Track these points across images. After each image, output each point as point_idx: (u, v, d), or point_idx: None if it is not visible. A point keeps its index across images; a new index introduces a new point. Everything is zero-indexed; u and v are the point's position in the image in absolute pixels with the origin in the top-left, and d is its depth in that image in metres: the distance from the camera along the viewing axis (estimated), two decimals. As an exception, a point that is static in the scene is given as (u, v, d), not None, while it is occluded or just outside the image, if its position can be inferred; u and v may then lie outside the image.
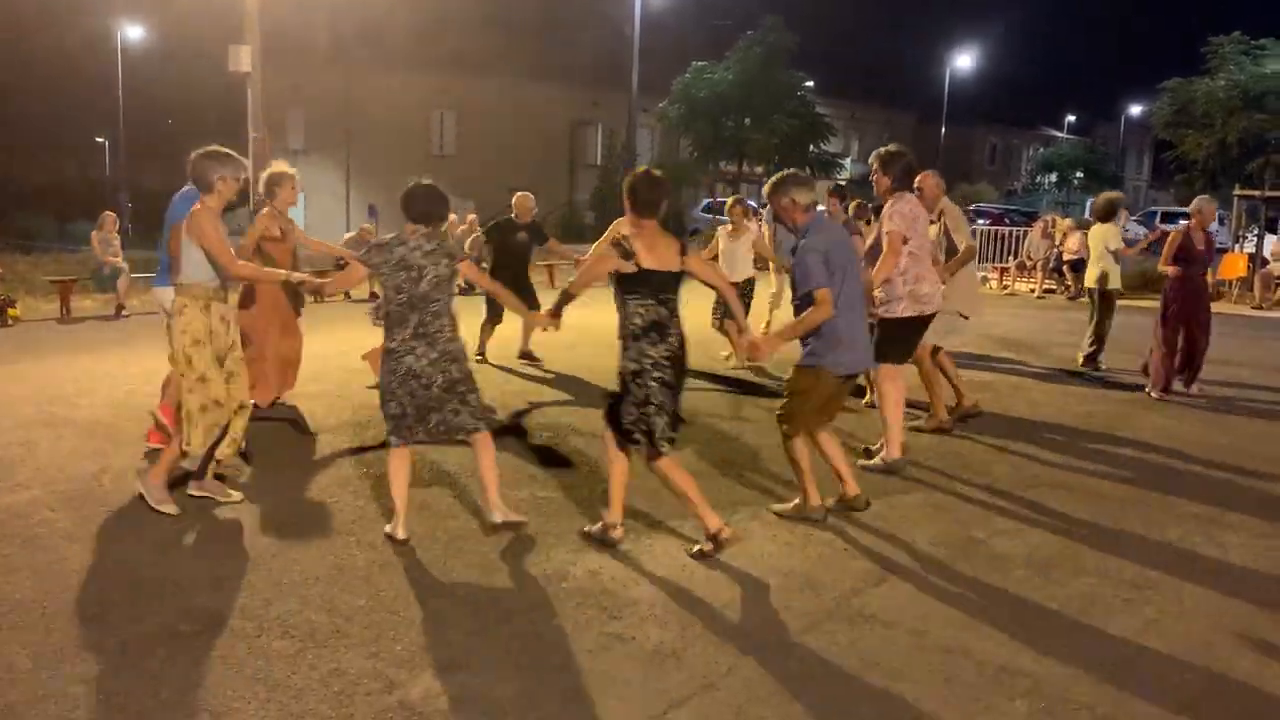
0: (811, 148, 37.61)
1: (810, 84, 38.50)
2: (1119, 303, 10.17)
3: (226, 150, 5.02)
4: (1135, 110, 59.84)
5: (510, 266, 9.18)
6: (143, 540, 4.65)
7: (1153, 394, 8.60)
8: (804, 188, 4.94)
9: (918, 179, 6.56)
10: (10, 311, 11.33)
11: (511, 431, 6.81)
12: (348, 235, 17.62)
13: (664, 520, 5.09)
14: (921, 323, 6.16)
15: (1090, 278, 9.99)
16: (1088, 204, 12.42)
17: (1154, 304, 9.25)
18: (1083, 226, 16.12)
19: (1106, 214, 9.93)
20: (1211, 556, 4.85)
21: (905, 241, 5.88)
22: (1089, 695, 3.48)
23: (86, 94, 46.31)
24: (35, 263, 16.90)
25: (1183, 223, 8.92)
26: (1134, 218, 38.69)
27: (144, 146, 43.63)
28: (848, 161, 45.85)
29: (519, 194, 9.73)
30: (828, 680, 3.54)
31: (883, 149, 6.01)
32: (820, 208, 5.46)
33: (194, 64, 34.24)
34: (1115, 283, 9.87)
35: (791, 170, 5.15)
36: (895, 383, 6.06)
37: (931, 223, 6.63)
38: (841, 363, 4.98)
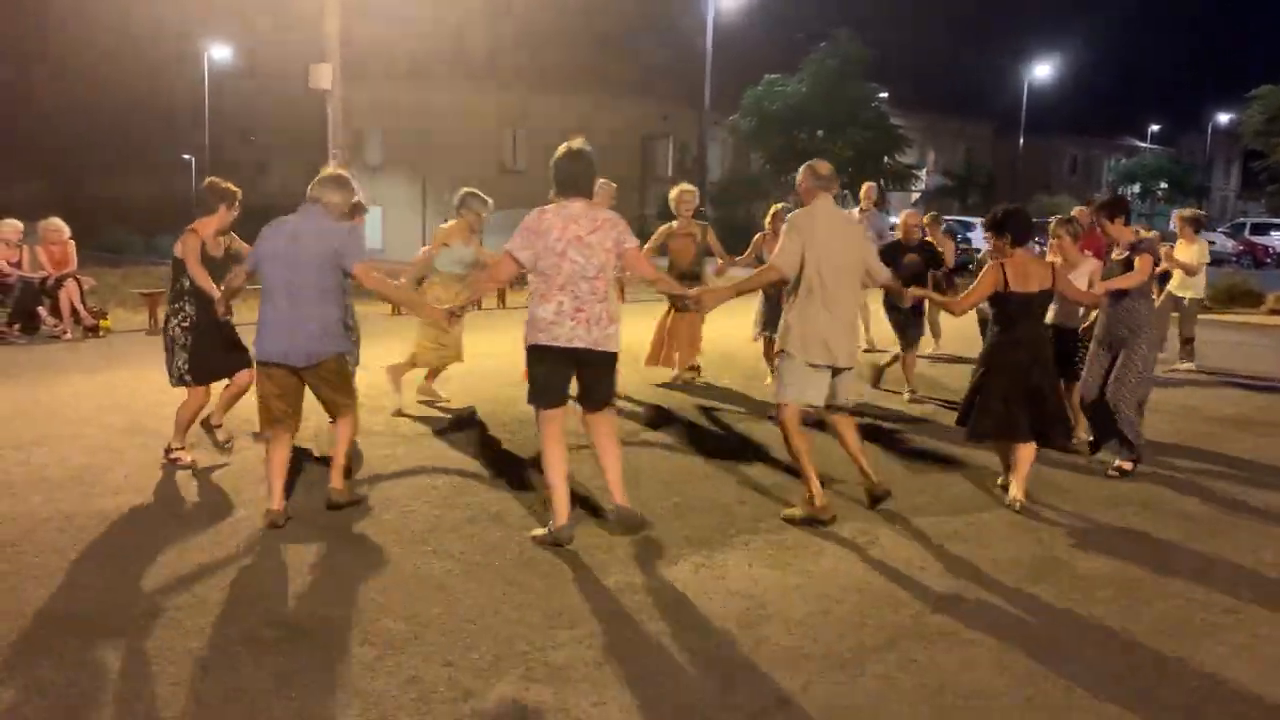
0: (886, 159, 37.24)
1: (884, 95, 38.15)
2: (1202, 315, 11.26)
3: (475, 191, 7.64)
4: (1223, 119, 58.21)
5: None
6: (223, 547, 4.76)
7: None
8: (330, 187, 5.16)
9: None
10: (102, 323, 11.71)
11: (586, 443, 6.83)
12: (424, 249, 17.91)
13: (734, 535, 5.06)
14: (554, 354, 4.79)
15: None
16: (1172, 216, 12.39)
17: (1242, 318, 9.08)
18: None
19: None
20: (1308, 580, 4.67)
21: (521, 266, 4.82)
22: (1179, 721, 3.37)
23: (174, 114, 47.94)
24: (124, 275, 17.45)
25: None
26: (1221, 229, 37.68)
27: (227, 164, 44.95)
28: (923, 173, 45.27)
29: (906, 211, 9.10)
30: (905, 700, 3.48)
31: (563, 146, 4.97)
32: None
33: (275, 83, 35.24)
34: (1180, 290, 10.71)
35: (331, 170, 5.42)
36: (548, 426, 4.87)
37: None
38: (258, 349, 5.04)
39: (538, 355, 4.83)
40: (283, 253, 4.99)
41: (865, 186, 11.70)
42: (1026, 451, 5.64)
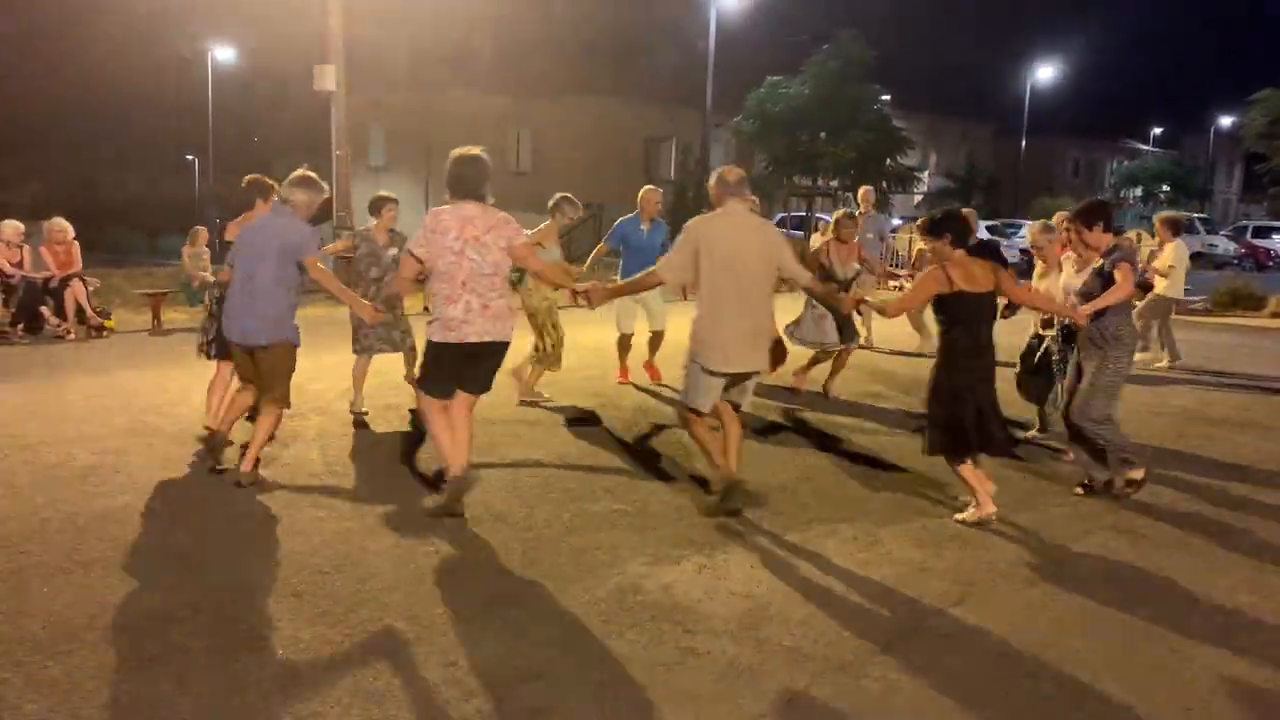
0: (888, 161, 37.22)
1: (886, 97, 38.12)
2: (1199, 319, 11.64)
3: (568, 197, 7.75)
4: (1225, 121, 58.18)
5: None
6: (227, 548, 4.78)
7: None
8: (296, 187, 5.69)
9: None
10: (106, 323, 11.74)
11: (590, 443, 6.86)
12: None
13: (736, 536, 5.08)
14: (456, 351, 5.07)
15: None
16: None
17: (1244, 321, 9.09)
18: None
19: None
20: (1309, 583, 4.67)
21: (421, 262, 5.10)
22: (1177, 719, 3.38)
23: (178, 114, 48.06)
24: (128, 276, 17.45)
25: None
26: (1224, 232, 37.68)
27: (232, 164, 45.07)
28: (925, 175, 45.22)
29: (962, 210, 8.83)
30: (906, 700, 3.49)
31: (457, 151, 5.15)
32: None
33: (279, 84, 35.34)
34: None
35: (299, 172, 5.79)
36: (436, 412, 5.19)
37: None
38: (224, 329, 5.78)
39: (441, 350, 5.12)
40: (249, 245, 5.64)
41: (863, 190, 12.39)
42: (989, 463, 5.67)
